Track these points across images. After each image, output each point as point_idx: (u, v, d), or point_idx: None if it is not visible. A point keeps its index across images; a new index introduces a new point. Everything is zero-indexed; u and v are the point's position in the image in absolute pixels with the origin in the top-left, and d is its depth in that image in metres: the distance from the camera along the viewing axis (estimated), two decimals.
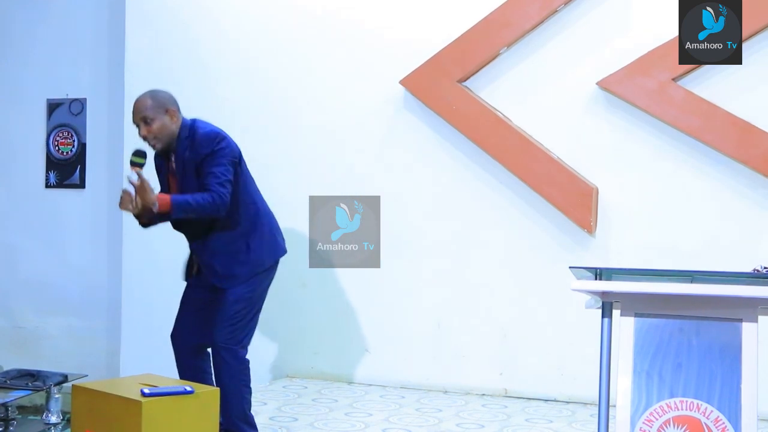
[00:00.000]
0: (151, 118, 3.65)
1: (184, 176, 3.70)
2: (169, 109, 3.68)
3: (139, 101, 3.70)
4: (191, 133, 3.70)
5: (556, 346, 4.85)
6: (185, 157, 3.68)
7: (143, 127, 3.67)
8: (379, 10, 5.19)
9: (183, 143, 3.69)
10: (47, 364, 5.68)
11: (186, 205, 3.57)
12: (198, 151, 3.66)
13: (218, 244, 3.73)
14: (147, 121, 3.65)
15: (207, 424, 3.35)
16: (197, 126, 3.73)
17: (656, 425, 2.71)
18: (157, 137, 3.67)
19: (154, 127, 3.65)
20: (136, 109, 3.68)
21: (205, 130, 3.72)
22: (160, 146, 3.69)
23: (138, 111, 3.67)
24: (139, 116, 3.67)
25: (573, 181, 4.76)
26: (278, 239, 3.89)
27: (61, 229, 6.16)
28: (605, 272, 2.79)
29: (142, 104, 3.68)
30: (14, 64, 6.27)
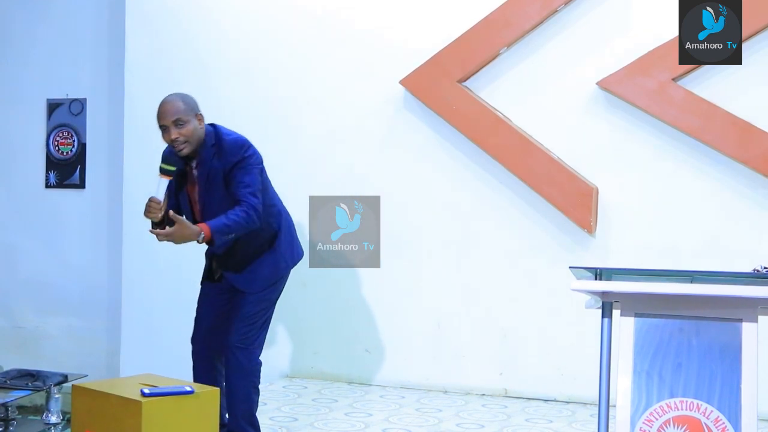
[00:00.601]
0: (184, 120, 3.53)
1: (208, 185, 3.60)
2: (198, 114, 3.60)
3: (171, 103, 3.57)
4: (217, 140, 3.62)
5: (556, 346, 4.85)
6: (212, 165, 3.59)
7: (174, 130, 3.52)
8: (379, 10, 5.19)
9: (209, 150, 3.60)
10: (47, 364, 5.68)
11: (226, 228, 3.47)
12: (227, 159, 3.57)
13: (244, 251, 3.67)
14: (179, 124, 3.52)
15: (207, 424, 3.35)
16: (221, 132, 3.65)
17: (656, 425, 2.71)
18: (187, 141, 3.53)
19: (185, 131, 3.53)
20: (168, 112, 3.54)
21: (232, 137, 3.64)
22: (188, 151, 3.55)
23: (170, 113, 3.53)
24: (170, 119, 3.52)
25: (573, 181, 4.76)
26: (297, 242, 3.88)
27: (61, 229, 6.16)
28: (605, 272, 2.80)
29: (174, 107, 3.55)
30: (14, 64, 6.27)
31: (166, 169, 3.53)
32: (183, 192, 3.70)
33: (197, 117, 3.59)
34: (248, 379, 3.69)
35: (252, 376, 3.70)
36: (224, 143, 3.61)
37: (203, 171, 3.61)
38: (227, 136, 3.64)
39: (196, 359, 3.83)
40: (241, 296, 3.70)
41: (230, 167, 3.57)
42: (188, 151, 3.56)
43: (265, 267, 3.71)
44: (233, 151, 3.59)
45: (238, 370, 3.66)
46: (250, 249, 3.68)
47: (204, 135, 3.60)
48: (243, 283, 3.71)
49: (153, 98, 5.59)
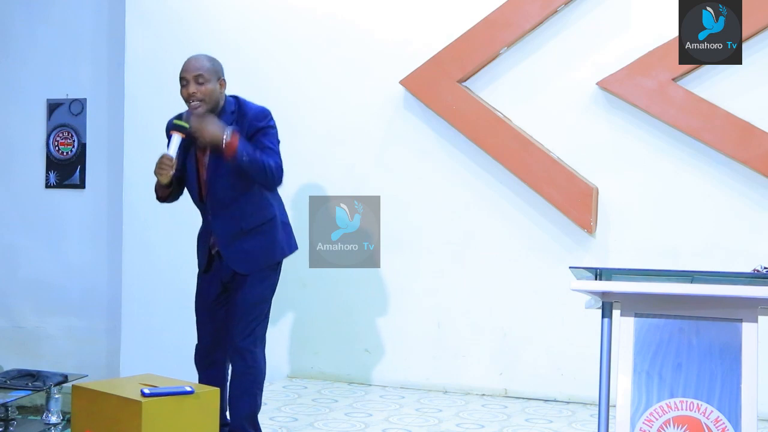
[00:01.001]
0: (206, 78, 3.51)
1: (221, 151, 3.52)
2: (221, 79, 3.59)
3: (196, 59, 3.56)
4: (238, 107, 3.61)
5: (556, 346, 4.85)
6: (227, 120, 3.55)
7: (193, 84, 3.50)
8: (379, 11, 5.19)
9: (228, 117, 3.57)
10: (47, 364, 5.69)
11: (253, 153, 3.45)
12: (251, 123, 3.55)
13: (245, 227, 3.63)
14: (199, 80, 3.50)
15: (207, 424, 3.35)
16: (244, 102, 3.64)
17: (656, 425, 2.71)
18: (204, 100, 3.51)
19: (204, 89, 3.51)
20: (192, 66, 3.53)
21: (257, 106, 3.65)
22: (202, 110, 3.51)
23: (193, 68, 3.52)
24: (192, 73, 3.51)
25: (573, 181, 4.76)
26: (292, 234, 3.85)
27: (61, 229, 6.17)
28: (605, 272, 2.79)
29: (198, 62, 3.54)
30: (14, 64, 6.27)
31: (181, 126, 3.50)
32: (191, 156, 3.65)
33: (220, 81, 3.58)
34: (254, 379, 3.67)
35: (258, 376, 3.68)
36: (248, 110, 3.60)
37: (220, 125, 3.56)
38: (252, 104, 3.65)
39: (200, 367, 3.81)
40: (239, 292, 3.67)
41: (254, 131, 3.56)
42: (203, 111, 3.52)
43: (262, 248, 3.66)
44: (258, 117, 3.59)
45: (244, 369, 3.64)
46: (247, 225, 3.63)
47: (223, 101, 3.60)
48: (241, 263, 3.64)
49: (153, 98, 5.66)
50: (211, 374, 3.76)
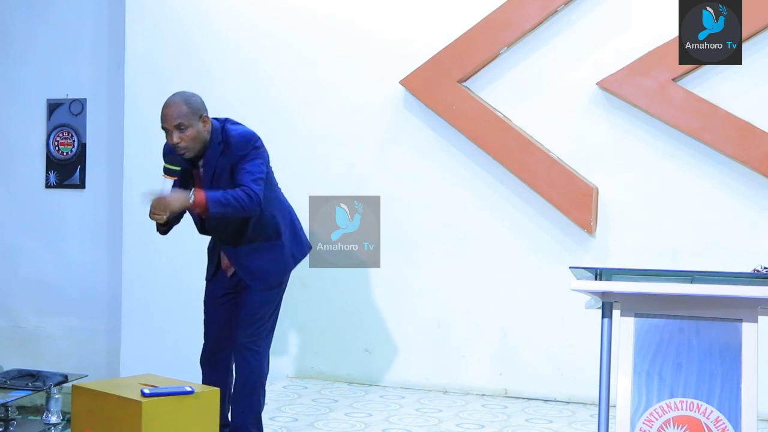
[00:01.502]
0: (186, 125, 3.46)
1: (213, 182, 3.53)
2: (203, 116, 3.52)
3: (173, 106, 3.49)
4: (224, 137, 3.54)
5: (556, 346, 4.85)
6: (218, 163, 3.53)
7: (176, 134, 3.45)
8: (379, 11, 5.19)
9: (215, 149, 3.53)
10: (47, 364, 5.69)
11: (223, 199, 3.39)
12: (234, 153, 3.52)
13: (254, 244, 3.63)
14: (181, 128, 3.45)
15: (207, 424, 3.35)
16: (229, 129, 3.58)
17: (656, 425, 2.71)
18: (188, 147, 3.47)
19: (188, 135, 3.46)
20: (170, 116, 3.47)
21: (239, 131, 3.58)
22: (190, 155, 3.50)
23: (172, 117, 3.46)
24: (172, 123, 3.45)
25: (573, 181, 4.76)
26: (303, 236, 3.85)
27: (61, 229, 6.16)
28: (605, 272, 2.79)
29: (176, 110, 3.47)
30: (14, 64, 6.27)
31: (171, 170, 3.48)
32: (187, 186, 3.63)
33: (202, 119, 3.52)
34: (258, 379, 3.67)
35: (261, 378, 3.69)
36: (232, 139, 3.55)
37: (209, 170, 3.56)
38: (234, 131, 3.58)
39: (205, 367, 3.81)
40: (247, 294, 3.68)
41: (237, 160, 3.52)
42: (191, 155, 3.51)
43: (273, 263, 3.67)
44: (241, 146, 3.54)
45: (248, 370, 3.64)
46: (256, 241, 3.63)
47: (210, 135, 3.54)
48: (252, 278, 3.65)
49: (153, 98, 5.63)
50: (215, 374, 3.76)
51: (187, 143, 3.47)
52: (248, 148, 3.54)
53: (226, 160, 3.53)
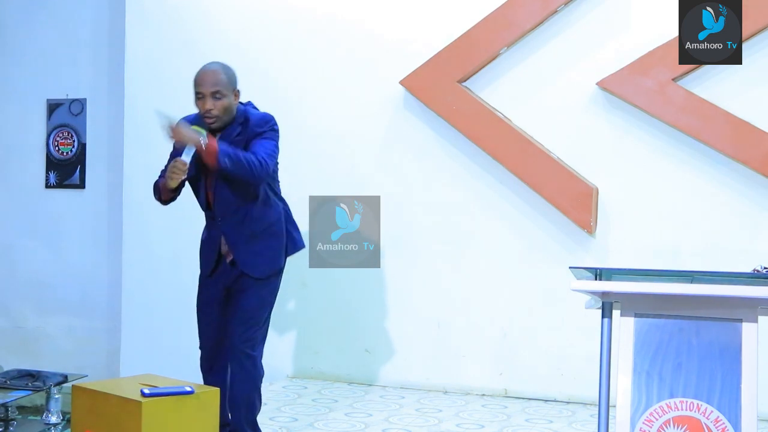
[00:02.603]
0: (222, 94, 3.45)
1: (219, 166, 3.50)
2: (236, 91, 3.54)
3: (213, 73, 3.47)
4: (245, 117, 3.56)
5: (556, 346, 4.85)
6: (232, 139, 3.51)
7: (210, 101, 3.44)
8: (379, 10, 5.19)
9: (234, 128, 3.54)
10: (47, 364, 5.69)
11: (233, 154, 3.35)
12: (252, 129, 3.52)
13: (255, 230, 3.61)
14: (217, 96, 3.44)
15: (207, 424, 3.35)
16: (250, 111, 3.61)
17: (656, 425, 2.71)
18: (218, 116, 3.47)
19: (221, 104, 3.46)
20: (208, 81, 3.45)
21: (260, 113, 3.61)
22: (218, 125, 3.49)
23: (210, 83, 3.45)
24: (209, 89, 3.44)
25: (573, 181, 4.76)
26: (297, 233, 3.83)
27: (61, 229, 6.16)
28: (605, 272, 2.80)
29: (215, 77, 3.46)
30: (14, 64, 6.27)
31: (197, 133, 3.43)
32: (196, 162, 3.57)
33: (234, 92, 3.54)
34: (253, 384, 3.66)
35: (257, 380, 3.68)
36: (252, 118, 3.56)
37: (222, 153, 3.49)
38: (256, 112, 3.62)
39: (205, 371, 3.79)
40: (243, 296, 3.66)
41: (253, 136, 3.52)
42: (218, 126, 3.51)
43: (271, 250, 3.65)
44: (259, 124, 3.55)
45: (243, 375, 3.63)
46: (256, 226, 3.61)
47: (235, 112, 3.55)
48: (255, 267, 3.62)
49: (153, 98, 5.65)
50: (216, 377, 3.74)
51: (218, 112, 3.48)
52: (266, 127, 3.56)
53: (241, 138, 3.54)
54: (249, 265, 3.63)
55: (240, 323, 3.64)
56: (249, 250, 3.63)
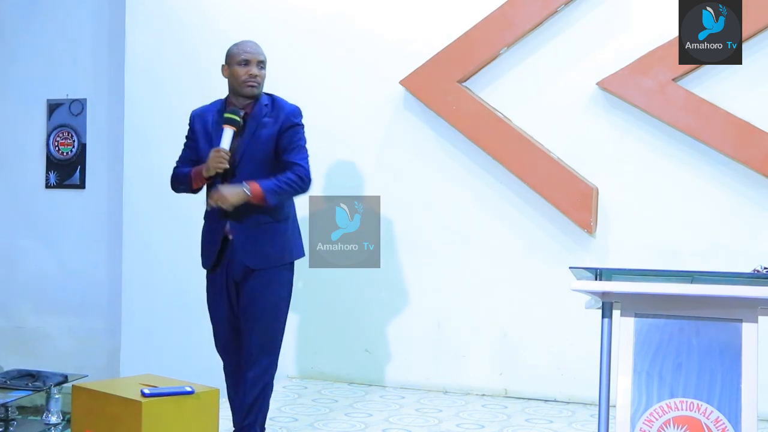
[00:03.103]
0: (264, 66, 3.67)
1: (254, 139, 3.58)
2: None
3: (256, 45, 3.68)
4: (271, 101, 3.69)
5: (556, 346, 4.85)
6: (263, 120, 3.61)
7: (255, 67, 3.61)
8: (379, 11, 5.19)
9: (262, 108, 3.64)
10: (47, 365, 5.69)
11: (277, 188, 3.52)
12: (289, 117, 3.65)
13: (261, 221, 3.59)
14: (261, 66, 3.64)
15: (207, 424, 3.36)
16: (276, 97, 3.74)
17: (656, 425, 2.71)
18: (259, 84, 3.64)
19: (262, 75, 3.65)
20: (256, 50, 3.65)
21: (288, 102, 3.74)
22: (257, 92, 3.63)
23: (258, 52, 3.65)
24: (257, 57, 3.63)
25: (573, 181, 4.76)
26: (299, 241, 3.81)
27: (61, 229, 6.16)
28: (605, 272, 2.79)
29: (259, 49, 3.68)
30: (14, 64, 6.27)
31: (233, 119, 3.53)
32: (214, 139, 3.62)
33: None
34: (269, 386, 3.65)
35: (271, 382, 3.67)
36: (283, 104, 3.70)
37: (252, 124, 3.61)
38: (285, 101, 3.74)
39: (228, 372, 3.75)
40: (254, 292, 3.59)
41: (289, 126, 3.63)
42: (257, 93, 3.62)
43: (273, 245, 3.62)
44: (294, 113, 3.69)
45: (262, 378, 3.60)
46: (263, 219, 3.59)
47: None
48: (252, 256, 3.59)
49: (153, 98, 5.66)
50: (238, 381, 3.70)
51: (261, 80, 3.64)
52: (298, 119, 3.70)
53: (272, 120, 3.62)
54: (246, 253, 3.58)
55: (257, 323, 3.59)
56: (250, 239, 3.59)
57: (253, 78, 3.60)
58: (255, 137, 3.59)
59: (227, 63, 3.67)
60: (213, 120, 3.66)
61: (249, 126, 3.61)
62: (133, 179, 5.67)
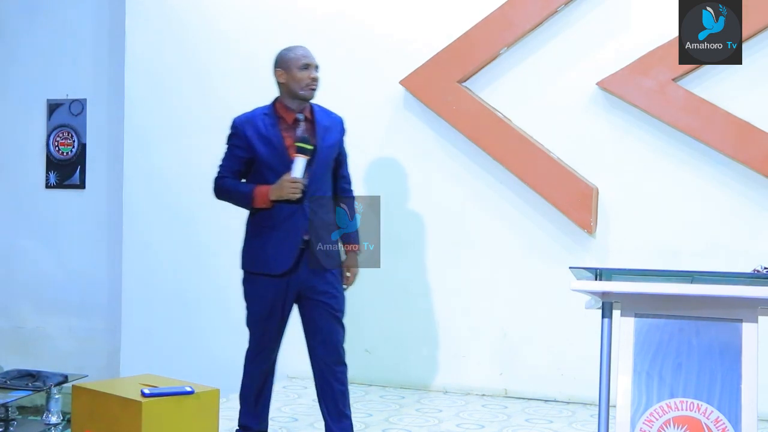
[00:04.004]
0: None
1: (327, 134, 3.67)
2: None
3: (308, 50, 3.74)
4: (318, 107, 3.74)
5: (556, 346, 4.85)
6: (324, 123, 3.68)
7: (315, 72, 3.67)
8: (379, 10, 5.19)
9: (319, 111, 3.71)
10: (47, 365, 5.69)
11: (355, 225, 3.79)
12: (341, 124, 3.79)
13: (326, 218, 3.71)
14: (317, 69, 3.70)
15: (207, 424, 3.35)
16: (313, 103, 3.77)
17: (656, 425, 2.71)
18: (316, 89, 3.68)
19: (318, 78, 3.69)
20: (312, 55, 3.71)
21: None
22: (313, 96, 3.67)
23: (314, 57, 3.71)
24: (315, 61, 3.70)
25: (573, 181, 4.76)
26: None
27: (61, 229, 6.17)
28: (605, 272, 2.79)
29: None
30: (14, 64, 6.27)
31: (307, 149, 3.54)
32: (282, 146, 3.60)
33: None
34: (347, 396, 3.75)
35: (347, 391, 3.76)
36: (328, 110, 3.76)
37: (323, 120, 3.69)
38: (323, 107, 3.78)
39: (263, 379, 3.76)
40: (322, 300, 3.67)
41: (342, 135, 3.80)
42: (312, 97, 3.67)
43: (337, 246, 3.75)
44: (342, 125, 3.82)
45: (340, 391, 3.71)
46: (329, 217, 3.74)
47: None
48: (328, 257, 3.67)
49: (153, 98, 5.65)
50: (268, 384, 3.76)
51: (318, 84, 3.69)
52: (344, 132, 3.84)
53: (332, 122, 3.74)
54: (324, 255, 3.65)
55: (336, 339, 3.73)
56: (325, 242, 3.66)
57: (314, 82, 3.65)
58: (323, 144, 3.64)
59: (283, 67, 3.70)
60: (267, 123, 3.64)
61: (319, 122, 3.68)
62: (133, 179, 5.67)
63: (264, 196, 3.56)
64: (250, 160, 3.63)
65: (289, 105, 3.67)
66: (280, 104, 3.70)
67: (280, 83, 3.71)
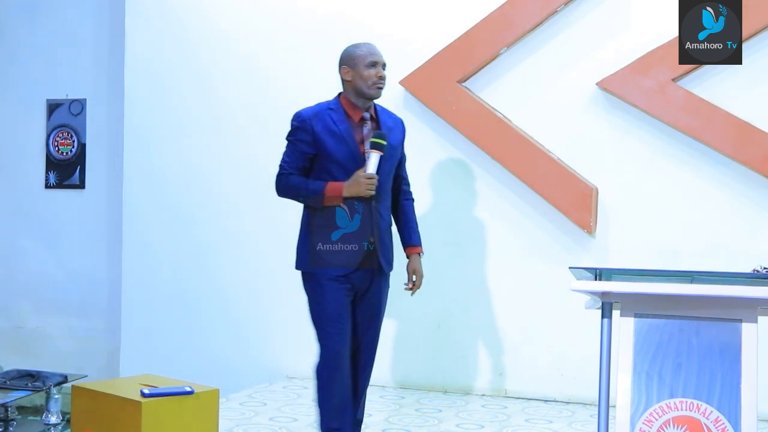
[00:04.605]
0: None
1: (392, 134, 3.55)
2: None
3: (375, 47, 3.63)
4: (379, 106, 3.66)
5: (556, 346, 4.85)
6: (388, 123, 3.59)
7: (382, 70, 3.57)
8: (379, 11, 5.19)
9: (382, 111, 3.63)
10: (47, 365, 5.69)
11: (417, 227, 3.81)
12: (403, 124, 3.68)
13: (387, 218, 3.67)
14: (385, 67, 3.60)
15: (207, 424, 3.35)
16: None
17: (656, 425, 2.71)
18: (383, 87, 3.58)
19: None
20: (380, 53, 3.61)
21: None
22: (380, 95, 3.57)
23: (381, 54, 3.61)
24: (383, 59, 3.61)
25: (573, 181, 4.76)
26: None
27: (61, 229, 6.17)
28: (605, 273, 2.79)
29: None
30: (14, 64, 6.27)
31: (382, 144, 3.41)
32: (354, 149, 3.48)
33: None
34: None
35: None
36: (393, 114, 3.69)
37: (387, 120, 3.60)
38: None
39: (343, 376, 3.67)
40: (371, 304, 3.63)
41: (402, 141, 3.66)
42: (380, 96, 3.57)
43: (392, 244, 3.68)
44: (404, 127, 3.70)
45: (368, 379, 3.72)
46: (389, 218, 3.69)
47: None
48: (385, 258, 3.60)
49: (153, 99, 5.65)
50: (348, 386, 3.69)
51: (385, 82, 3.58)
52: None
53: (394, 123, 3.63)
54: (384, 257, 3.59)
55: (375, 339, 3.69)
56: (384, 242, 3.60)
57: (381, 80, 3.54)
58: (389, 143, 3.50)
59: (349, 65, 3.55)
60: (335, 119, 3.51)
61: (384, 122, 3.59)
62: (133, 179, 5.67)
63: (337, 192, 3.48)
64: (314, 156, 3.51)
65: (355, 103, 3.53)
66: (346, 100, 3.56)
67: (345, 81, 3.56)
